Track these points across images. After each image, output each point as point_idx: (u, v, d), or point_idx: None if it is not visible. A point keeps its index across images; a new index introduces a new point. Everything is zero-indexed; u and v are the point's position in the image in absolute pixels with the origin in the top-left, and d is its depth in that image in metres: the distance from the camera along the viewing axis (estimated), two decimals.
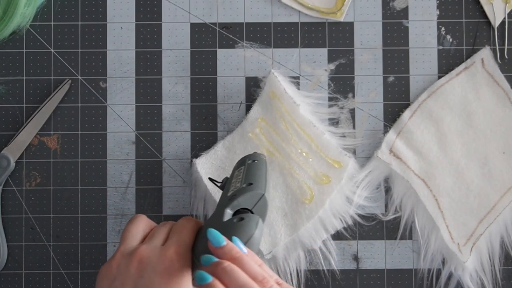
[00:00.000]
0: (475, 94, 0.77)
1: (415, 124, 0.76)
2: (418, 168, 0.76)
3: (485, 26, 0.77)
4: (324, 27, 0.77)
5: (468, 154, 0.76)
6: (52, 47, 0.76)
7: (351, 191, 0.75)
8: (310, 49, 0.77)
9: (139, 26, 0.77)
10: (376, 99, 0.77)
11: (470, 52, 0.77)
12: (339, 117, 0.77)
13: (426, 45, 0.77)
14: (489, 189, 0.76)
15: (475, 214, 0.76)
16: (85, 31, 0.76)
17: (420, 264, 0.76)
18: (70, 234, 0.76)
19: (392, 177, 0.76)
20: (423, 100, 0.77)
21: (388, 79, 0.77)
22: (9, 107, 0.76)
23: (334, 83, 0.77)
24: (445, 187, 0.76)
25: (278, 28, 0.77)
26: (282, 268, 0.75)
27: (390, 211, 0.76)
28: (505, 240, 0.76)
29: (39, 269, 0.75)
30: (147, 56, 0.77)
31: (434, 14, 0.77)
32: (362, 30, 0.77)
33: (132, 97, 0.76)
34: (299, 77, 0.77)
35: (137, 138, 0.76)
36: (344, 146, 0.76)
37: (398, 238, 0.76)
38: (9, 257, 0.75)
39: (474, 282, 0.75)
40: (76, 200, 0.76)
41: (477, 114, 0.76)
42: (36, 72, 0.76)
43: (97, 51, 0.76)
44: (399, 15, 0.77)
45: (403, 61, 0.77)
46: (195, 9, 0.77)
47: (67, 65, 0.76)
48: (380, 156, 0.76)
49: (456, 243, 0.75)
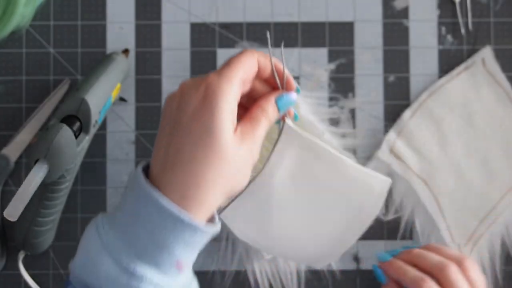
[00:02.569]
0: (475, 94, 0.77)
1: (415, 124, 0.76)
2: (419, 168, 0.76)
3: (485, 26, 0.77)
4: (324, 27, 0.77)
5: (469, 154, 0.76)
6: (51, 47, 0.76)
7: None
8: (310, 49, 0.77)
9: (139, 26, 0.77)
10: (376, 99, 0.77)
11: (471, 52, 0.77)
12: (340, 117, 0.77)
13: (426, 45, 0.77)
14: (489, 189, 0.76)
15: (476, 214, 0.76)
16: (85, 31, 0.76)
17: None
18: (70, 234, 0.76)
19: (392, 177, 0.76)
20: (423, 100, 0.77)
21: (388, 79, 0.77)
22: (8, 107, 0.76)
23: (334, 83, 0.77)
24: (446, 187, 0.76)
25: (278, 28, 0.77)
26: (283, 269, 0.75)
27: (390, 211, 0.76)
28: (505, 240, 0.76)
29: (39, 269, 0.75)
30: (147, 56, 0.77)
31: (434, 14, 0.77)
32: (362, 30, 0.77)
33: (132, 97, 0.76)
34: (299, 77, 0.77)
35: (137, 138, 0.76)
36: (345, 146, 0.76)
37: (398, 238, 0.76)
38: (9, 257, 0.75)
39: None
40: (76, 200, 0.76)
41: (478, 114, 0.76)
42: (35, 72, 0.76)
43: (97, 51, 0.76)
44: (399, 15, 0.77)
45: (403, 61, 0.77)
46: (195, 9, 0.77)
47: (67, 65, 0.76)
48: (380, 156, 0.76)
49: (457, 243, 0.75)
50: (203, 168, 0.54)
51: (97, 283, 0.53)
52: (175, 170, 0.54)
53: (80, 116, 0.66)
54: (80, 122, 0.66)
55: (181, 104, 0.56)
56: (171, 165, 0.54)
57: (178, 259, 0.54)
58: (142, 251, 0.53)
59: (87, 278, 0.53)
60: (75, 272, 0.55)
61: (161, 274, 0.54)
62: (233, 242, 0.75)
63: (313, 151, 0.64)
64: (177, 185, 0.54)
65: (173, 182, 0.54)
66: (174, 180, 0.54)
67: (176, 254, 0.54)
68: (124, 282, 0.53)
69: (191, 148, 0.54)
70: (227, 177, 0.55)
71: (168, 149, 0.55)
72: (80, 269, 0.54)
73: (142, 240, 0.53)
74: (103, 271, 0.53)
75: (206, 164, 0.54)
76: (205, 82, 0.55)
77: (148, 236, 0.53)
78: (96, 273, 0.53)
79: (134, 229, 0.54)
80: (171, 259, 0.54)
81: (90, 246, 0.54)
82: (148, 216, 0.53)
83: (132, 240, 0.53)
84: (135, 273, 0.53)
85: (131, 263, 0.53)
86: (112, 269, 0.53)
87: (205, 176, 0.54)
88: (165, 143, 0.56)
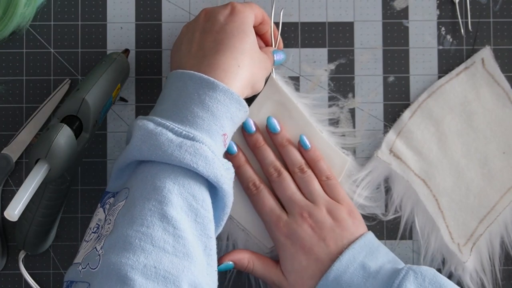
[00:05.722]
0: (475, 94, 0.77)
1: (415, 124, 0.76)
2: (418, 168, 0.76)
3: (485, 26, 0.77)
4: (324, 27, 0.77)
5: (468, 154, 0.76)
6: (52, 47, 0.76)
7: (351, 190, 0.75)
8: (310, 49, 0.77)
9: (139, 26, 0.77)
10: (376, 99, 0.77)
11: (470, 52, 0.77)
12: (339, 117, 0.77)
13: (426, 45, 0.77)
14: (489, 189, 0.76)
15: (475, 214, 0.76)
16: (85, 31, 0.76)
17: (420, 264, 0.76)
18: (70, 234, 0.76)
19: (392, 177, 0.76)
20: (423, 100, 0.77)
21: (388, 79, 0.77)
22: (9, 107, 0.76)
23: (334, 83, 0.77)
24: (445, 187, 0.76)
25: (278, 28, 0.77)
26: None
27: (390, 211, 0.76)
28: (505, 240, 0.76)
29: (39, 269, 0.75)
30: (147, 56, 0.77)
31: (434, 14, 0.77)
32: (362, 30, 0.77)
33: (132, 97, 0.76)
34: (299, 77, 0.77)
35: None
36: (344, 146, 0.76)
37: (398, 238, 0.76)
38: (9, 257, 0.75)
39: (474, 282, 0.75)
40: (76, 200, 0.76)
41: (477, 114, 0.76)
42: (36, 72, 0.76)
43: (97, 51, 0.76)
44: (399, 15, 0.77)
45: (403, 61, 0.77)
46: (195, 9, 0.77)
47: (67, 65, 0.76)
48: (380, 156, 0.76)
49: (456, 243, 0.75)
50: (241, 55, 0.65)
51: (158, 153, 0.59)
52: (216, 56, 0.64)
53: (80, 116, 0.66)
54: (80, 122, 0.66)
55: (210, 19, 0.68)
56: (211, 53, 0.65)
57: (224, 132, 0.63)
58: (197, 121, 0.61)
59: (146, 152, 0.59)
60: (127, 159, 0.61)
61: (213, 142, 0.61)
62: (234, 243, 0.75)
63: (288, 110, 0.75)
64: (220, 66, 0.64)
65: (214, 64, 0.64)
66: (215, 63, 0.64)
67: (224, 125, 0.63)
68: (189, 144, 0.59)
69: (228, 40, 0.66)
70: (255, 67, 0.67)
71: (203, 44, 0.66)
72: (137, 149, 0.60)
73: (195, 112, 0.61)
74: (166, 140, 0.59)
75: (243, 51, 0.66)
76: (230, 5, 0.68)
77: (200, 108, 0.61)
78: (157, 144, 0.59)
79: (185, 105, 0.62)
80: (220, 131, 0.62)
81: (144, 127, 0.60)
82: (198, 91, 0.62)
83: (184, 114, 0.61)
84: (195, 137, 0.60)
85: (189, 131, 0.60)
86: (174, 137, 0.60)
87: (243, 60, 0.65)
88: (198, 42, 0.66)
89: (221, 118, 0.62)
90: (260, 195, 0.72)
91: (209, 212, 0.60)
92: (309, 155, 0.73)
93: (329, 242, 0.69)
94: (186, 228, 0.58)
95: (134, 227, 0.57)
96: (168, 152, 0.59)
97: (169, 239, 0.57)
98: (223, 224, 0.64)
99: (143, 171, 0.60)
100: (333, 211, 0.70)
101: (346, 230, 0.70)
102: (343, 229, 0.70)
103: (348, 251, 0.68)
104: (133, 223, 0.57)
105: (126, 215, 0.58)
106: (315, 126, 0.74)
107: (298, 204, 0.71)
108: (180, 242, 0.57)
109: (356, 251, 0.68)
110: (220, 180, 0.60)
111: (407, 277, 0.66)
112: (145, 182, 0.59)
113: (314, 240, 0.69)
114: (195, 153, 0.59)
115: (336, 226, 0.70)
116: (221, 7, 0.68)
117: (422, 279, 0.66)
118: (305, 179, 0.72)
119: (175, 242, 0.57)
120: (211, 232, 0.60)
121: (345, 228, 0.70)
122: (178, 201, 0.58)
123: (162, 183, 0.58)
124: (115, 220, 0.59)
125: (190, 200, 0.59)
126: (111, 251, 0.56)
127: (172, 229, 0.57)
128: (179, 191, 0.59)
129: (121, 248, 0.56)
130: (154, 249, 0.56)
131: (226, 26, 0.66)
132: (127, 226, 0.57)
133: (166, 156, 0.59)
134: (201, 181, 0.60)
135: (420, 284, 0.66)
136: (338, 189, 0.72)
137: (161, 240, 0.56)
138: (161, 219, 0.57)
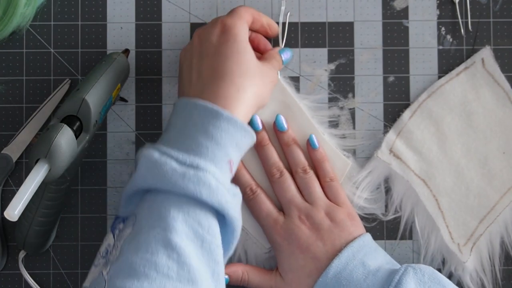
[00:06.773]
0: (475, 94, 0.77)
1: (415, 124, 0.76)
2: (418, 168, 0.76)
3: (485, 26, 0.77)
4: (324, 27, 0.77)
5: (468, 154, 0.76)
6: (52, 47, 0.76)
7: (351, 191, 0.75)
8: (310, 49, 0.77)
9: (139, 26, 0.77)
10: (376, 99, 0.77)
11: (470, 52, 0.77)
12: (339, 118, 0.77)
13: (426, 45, 0.77)
14: (489, 189, 0.76)
15: (475, 214, 0.76)
16: (85, 31, 0.76)
17: (420, 264, 0.76)
18: (70, 234, 0.76)
19: (392, 177, 0.76)
20: (423, 100, 0.77)
21: (388, 79, 0.77)
22: (9, 107, 0.76)
23: (334, 83, 0.77)
24: (445, 187, 0.76)
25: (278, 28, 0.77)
26: None
27: (390, 211, 0.76)
28: (505, 240, 0.76)
29: (39, 269, 0.75)
30: (147, 56, 0.77)
31: (434, 14, 0.77)
32: (362, 30, 0.77)
33: (132, 97, 0.76)
34: (299, 77, 0.77)
35: (137, 138, 0.76)
36: (345, 147, 0.76)
37: (398, 238, 0.76)
38: (9, 257, 0.75)
39: (474, 282, 0.75)
40: (76, 200, 0.76)
41: (477, 114, 0.76)
42: (36, 72, 0.76)
43: (97, 51, 0.76)
44: (399, 15, 0.77)
45: (403, 61, 0.77)
46: (195, 9, 0.77)
47: (67, 65, 0.76)
48: (380, 156, 0.76)
49: (456, 243, 0.75)
50: (239, 78, 0.65)
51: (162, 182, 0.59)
52: (216, 84, 0.64)
53: (80, 116, 0.66)
54: (80, 122, 0.66)
55: (203, 42, 0.67)
56: (210, 81, 0.65)
57: (230, 159, 0.63)
58: (201, 150, 0.61)
59: (151, 180, 0.60)
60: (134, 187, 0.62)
61: (217, 169, 0.61)
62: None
63: (292, 111, 0.75)
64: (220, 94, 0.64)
65: (215, 92, 0.64)
66: (216, 90, 0.64)
67: (229, 153, 0.62)
68: (192, 173, 0.59)
69: (224, 64, 0.65)
70: (257, 86, 0.66)
71: (201, 71, 0.66)
72: (142, 178, 0.61)
73: (200, 142, 0.61)
74: (170, 169, 0.60)
75: (240, 74, 0.65)
76: (220, 22, 0.67)
77: (204, 138, 0.61)
78: (161, 173, 0.60)
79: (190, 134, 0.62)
80: (225, 158, 0.62)
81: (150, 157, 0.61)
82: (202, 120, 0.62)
83: (189, 144, 0.61)
84: (199, 166, 0.60)
85: (193, 161, 0.60)
86: (177, 166, 0.60)
87: (243, 83, 0.65)
88: (196, 69, 0.66)
89: (226, 146, 0.62)
90: (257, 199, 0.72)
91: (215, 237, 0.60)
92: (315, 155, 0.73)
93: (326, 242, 0.69)
94: (191, 255, 0.58)
95: (139, 254, 0.58)
96: (172, 181, 0.59)
97: (173, 265, 0.57)
98: (233, 248, 0.64)
99: (149, 199, 0.61)
100: (332, 213, 0.71)
101: (344, 230, 0.70)
102: (341, 230, 0.70)
103: (347, 249, 0.68)
104: (138, 250, 0.58)
105: (132, 242, 0.59)
106: (317, 128, 0.75)
107: (297, 206, 0.71)
108: (185, 268, 0.57)
109: (355, 249, 0.69)
110: (225, 207, 0.61)
111: (406, 273, 0.66)
112: (151, 210, 0.60)
113: (311, 240, 0.69)
114: (198, 182, 0.59)
115: (334, 227, 0.70)
116: (212, 27, 0.67)
117: (422, 275, 0.66)
118: (307, 180, 0.72)
119: (179, 268, 0.57)
120: (218, 257, 0.60)
121: (343, 229, 0.70)
122: (183, 228, 0.59)
123: (167, 211, 0.59)
124: (121, 247, 0.60)
125: (195, 227, 0.59)
126: (116, 277, 0.57)
127: (176, 255, 0.58)
128: (184, 218, 0.59)
129: (126, 274, 0.57)
130: (158, 275, 0.56)
131: (220, 48, 0.66)
132: (132, 253, 0.58)
133: (170, 185, 0.60)
134: (206, 208, 0.61)
135: (420, 279, 0.66)
136: (340, 191, 0.73)
137: (165, 267, 0.57)
138: (165, 246, 0.58)
